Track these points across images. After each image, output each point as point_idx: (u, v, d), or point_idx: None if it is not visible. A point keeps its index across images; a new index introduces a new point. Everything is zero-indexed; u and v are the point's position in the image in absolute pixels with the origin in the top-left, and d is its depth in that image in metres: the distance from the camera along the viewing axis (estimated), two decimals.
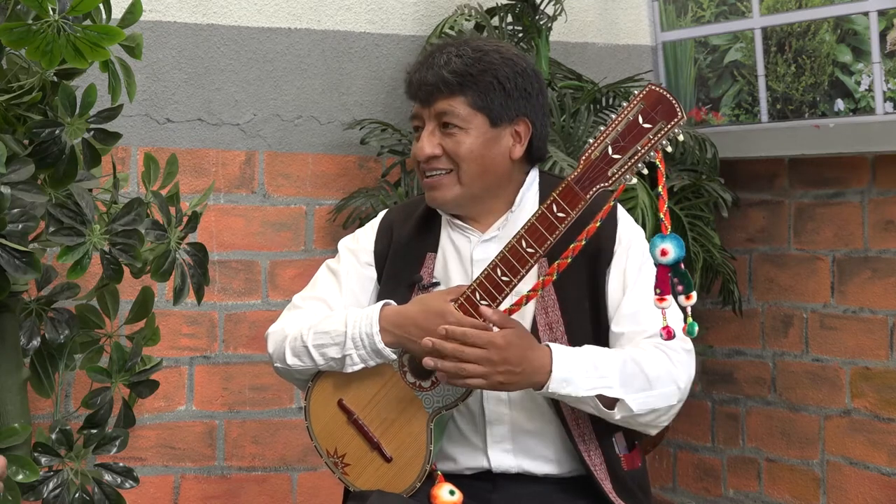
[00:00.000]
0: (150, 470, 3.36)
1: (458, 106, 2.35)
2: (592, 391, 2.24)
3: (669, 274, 2.13)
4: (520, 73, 2.37)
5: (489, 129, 2.36)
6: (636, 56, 3.87)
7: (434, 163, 2.37)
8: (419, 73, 2.39)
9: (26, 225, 2.46)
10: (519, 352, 2.21)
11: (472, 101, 2.35)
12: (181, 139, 3.40)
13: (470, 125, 2.35)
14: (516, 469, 2.37)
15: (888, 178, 3.35)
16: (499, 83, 2.35)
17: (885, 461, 3.34)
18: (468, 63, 2.34)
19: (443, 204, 2.41)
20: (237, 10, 3.45)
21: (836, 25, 3.29)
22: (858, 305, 3.42)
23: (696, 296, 2.14)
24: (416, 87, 2.39)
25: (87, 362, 2.88)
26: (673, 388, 2.28)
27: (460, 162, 2.36)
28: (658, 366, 2.27)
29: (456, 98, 2.35)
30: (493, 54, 2.37)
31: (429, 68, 2.37)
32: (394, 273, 2.46)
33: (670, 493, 3.94)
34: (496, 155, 2.37)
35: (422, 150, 2.37)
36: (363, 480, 2.39)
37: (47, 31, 2.37)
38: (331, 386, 2.41)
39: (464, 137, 2.35)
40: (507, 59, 2.37)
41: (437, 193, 2.39)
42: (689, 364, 2.32)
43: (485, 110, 2.35)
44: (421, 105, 2.39)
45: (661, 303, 2.15)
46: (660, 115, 2.18)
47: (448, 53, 2.37)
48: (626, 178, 2.22)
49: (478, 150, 2.35)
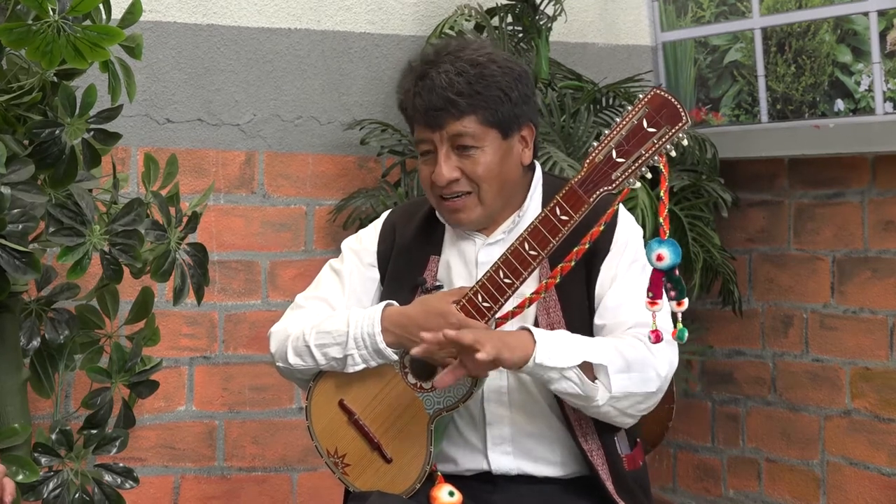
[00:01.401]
0: (150, 470, 3.36)
1: (470, 125, 2.32)
2: (577, 359, 2.21)
3: (663, 279, 2.14)
4: (518, 80, 2.36)
5: (502, 143, 2.35)
6: (636, 56, 3.87)
7: (454, 186, 2.35)
8: (420, 98, 2.34)
9: (26, 225, 2.46)
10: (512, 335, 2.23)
11: (482, 119, 2.32)
12: (181, 139, 3.39)
13: (484, 143, 2.33)
14: (516, 471, 2.37)
15: (888, 178, 3.35)
16: (505, 95, 2.33)
17: (885, 461, 3.34)
18: (471, 80, 2.31)
19: (467, 225, 2.40)
20: (237, 11, 3.45)
21: (836, 25, 3.29)
22: (858, 305, 3.42)
23: (688, 303, 2.15)
24: (422, 112, 2.34)
25: (87, 363, 2.88)
26: (652, 374, 2.26)
27: (480, 183, 2.34)
28: (636, 352, 2.26)
29: (467, 118, 2.32)
30: (490, 66, 2.34)
31: (430, 91, 2.32)
32: (397, 275, 2.46)
33: (670, 493, 3.94)
34: (511, 166, 2.37)
35: (441, 176, 2.33)
36: (363, 481, 2.39)
37: (47, 31, 2.37)
38: (332, 386, 2.41)
39: (480, 156, 2.33)
40: (505, 69, 2.35)
41: (461, 216, 2.38)
42: (669, 353, 2.30)
43: (496, 125, 2.33)
44: (430, 129, 2.35)
45: (653, 306, 2.16)
46: (664, 120, 2.18)
47: (446, 73, 2.32)
48: (629, 182, 2.21)
49: (496, 167, 2.34)
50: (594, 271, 2.35)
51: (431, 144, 2.36)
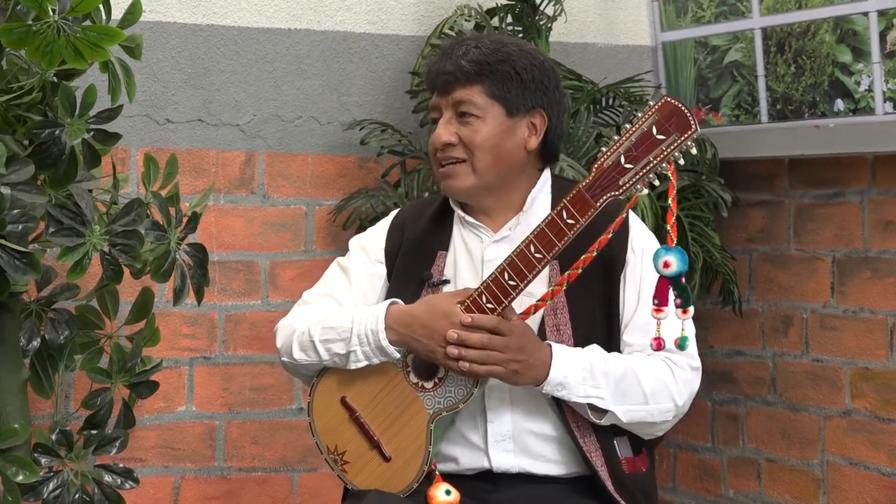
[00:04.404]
0: (150, 470, 3.36)
1: (475, 95, 2.38)
2: (584, 399, 2.28)
3: (670, 286, 2.15)
4: (537, 66, 2.41)
5: (505, 119, 2.39)
6: (636, 56, 3.87)
7: (449, 151, 2.40)
8: (438, 63, 2.43)
9: (26, 225, 2.46)
10: (533, 342, 2.27)
11: (489, 91, 2.38)
12: (181, 140, 3.40)
13: (486, 114, 2.38)
14: (517, 469, 2.37)
15: (888, 178, 3.35)
16: (516, 73, 2.38)
17: (885, 461, 3.34)
18: (486, 53, 2.38)
19: (457, 192, 2.43)
20: (237, 11, 3.45)
21: (836, 25, 3.29)
22: (858, 305, 3.42)
23: (693, 310, 2.17)
24: (435, 76, 2.42)
25: (87, 363, 2.88)
26: (670, 406, 2.33)
27: (475, 150, 2.38)
28: (658, 381, 2.31)
29: (473, 87, 2.38)
30: (511, 46, 2.41)
31: (447, 58, 2.41)
32: (404, 270, 2.48)
33: (670, 493, 3.94)
34: (511, 146, 2.40)
35: (438, 137, 2.40)
36: (361, 479, 2.39)
37: (47, 31, 2.37)
38: (335, 383, 2.42)
39: (480, 126, 2.38)
40: (524, 52, 2.41)
41: (452, 182, 2.42)
42: (692, 382, 2.36)
43: (501, 100, 2.38)
44: (439, 95, 2.43)
45: (658, 314, 2.18)
46: (674, 127, 2.19)
47: (467, 45, 2.41)
48: (637, 189, 2.23)
49: (493, 139, 2.38)
50: (615, 284, 2.38)
51: (439, 111, 2.43)
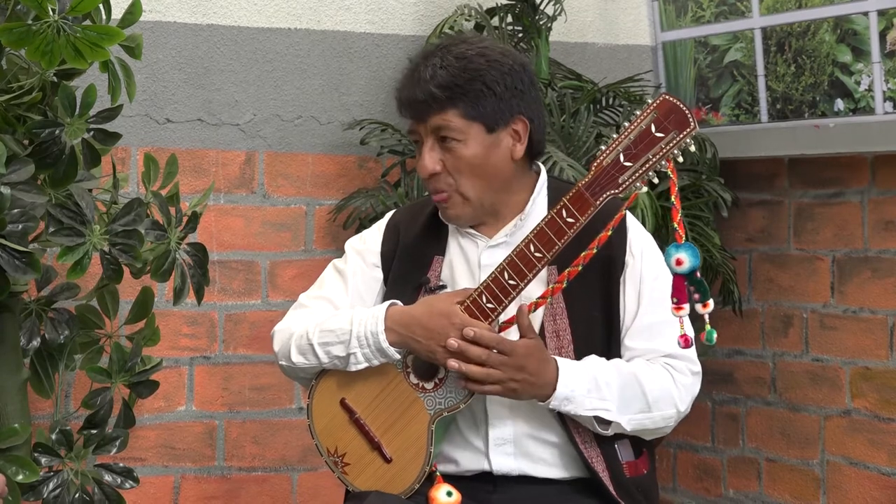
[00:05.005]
0: (150, 470, 3.36)
1: (451, 119, 2.33)
2: (591, 412, 2.29)
3: (685, 282, 2.16)
4: (507, 73, 2.35)
5: (487, 136, 2.34)
6: (636, 56, 3.87)
7: (435, 182, 2.37)
8: (406, 90, 2.37)
9: (26, 225, 2.46)
10: (536, 363, 2.25)
11: (464, 112, 2.32)
12: (181, 139, 3.39)
13: (466, 136, 2.33)
14: (517, 472, 2.37)
15: (888, 178, 3.35)
16: (488, 88, 2.32)
17: (885, 461, 3.33)
18: (454, 73, 2.32)
19: (457, 221, 2.42)
20: (237, 11, 3.45)
21: (836, 25, 3.29)
22: (858, 305, 3.42)
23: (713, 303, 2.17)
24: (407, 105, 2.37)
25: (87, 362, 2.88)
26: (672, 412, 2.34)
27: (459, 178, 2.35)
28: (660, 388, 2.32)
29: (448, 112, 2.33)
30: (477, 59, 2.33)
31: (416, 84, 2.34)
32: (400, 275, 2.46)
33: (670, 493, 3.94)
34: (497, 160, 2.36)
35: (424, 168, 2.36)
36: (362, 480, 2.39)
37: (47, 31, 2.37)
38: (334, 385, 2.41)
39: (462, 149, 2.34)
40: (492, 62, 2.34)
41: (449, 213, 2.40)
42: (693, 387, 2.37)
43: (479, 118, 2.33)
44: (415, 122, 2.38)
45: (679, 311, 2.18)
46: (672, 125, 2.19)
47: (432, 66, 2.33)
48: (636, 187, 2.22)
49: (478, 160, 2.34)
50: (613, 285, 2.37)
51: (418, 135, 2.39)
